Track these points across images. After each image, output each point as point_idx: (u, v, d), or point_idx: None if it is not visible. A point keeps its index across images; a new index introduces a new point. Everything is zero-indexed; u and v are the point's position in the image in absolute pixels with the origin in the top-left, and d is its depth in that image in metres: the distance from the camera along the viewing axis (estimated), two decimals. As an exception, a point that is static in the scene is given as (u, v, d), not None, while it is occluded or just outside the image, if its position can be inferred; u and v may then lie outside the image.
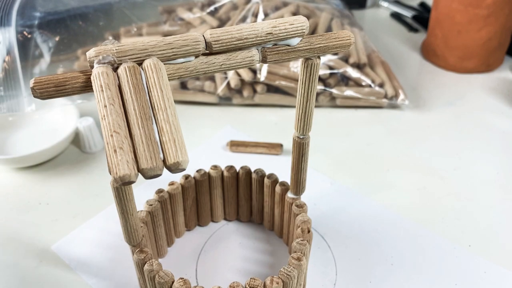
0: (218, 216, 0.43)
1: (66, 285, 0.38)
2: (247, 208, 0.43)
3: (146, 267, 0.32)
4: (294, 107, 0.60)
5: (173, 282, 0.31)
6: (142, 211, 0.37)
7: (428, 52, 0.71)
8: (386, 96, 0.59)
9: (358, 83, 0.59)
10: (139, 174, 0.22)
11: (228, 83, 0.58)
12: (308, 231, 0.34)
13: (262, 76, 0.57)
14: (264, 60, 0.28)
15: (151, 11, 0.67)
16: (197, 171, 0.40)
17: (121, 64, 0.25)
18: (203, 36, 0.26)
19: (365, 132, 0.56)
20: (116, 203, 0.30)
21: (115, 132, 0.22)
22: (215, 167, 0.40)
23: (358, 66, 0.60)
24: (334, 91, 0.58)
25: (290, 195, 0.38)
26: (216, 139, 0.54)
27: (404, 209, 0.45)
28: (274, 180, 0.39)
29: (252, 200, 0.42)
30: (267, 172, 0.40)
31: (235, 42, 0.27)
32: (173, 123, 0.23)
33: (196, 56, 0.27)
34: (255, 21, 0.60)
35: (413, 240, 0.42)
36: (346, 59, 0.60)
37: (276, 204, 0.40)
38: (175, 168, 0.22)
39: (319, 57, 0.30)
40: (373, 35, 0.79)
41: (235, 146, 0.52)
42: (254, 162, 0.51)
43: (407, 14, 0.85)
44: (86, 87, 0.25)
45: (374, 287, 0.38)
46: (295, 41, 0.28)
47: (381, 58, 0.64)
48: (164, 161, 0.22)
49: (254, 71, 0.58)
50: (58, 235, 0.42)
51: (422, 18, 0.82)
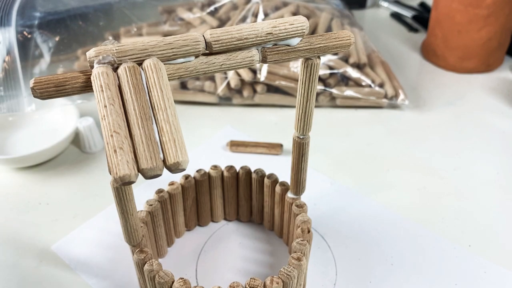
0: (218, 216, 0.43)
1: (66, 285, 0.38)
2: (247, 208, 0.43)
3: (146, 267, 0.32)
4: (294, 107, 0.60)
5: (173, 282, 0.31)
6: (142, 211, 0.37)
7: (428, 52, 0.71)
8: (386, 96, 0.59)
9: (358, 83, 0.59)
10: (139, 174, 0.22)
11: (228, 83, 0.58)
12: (308, 231, 0.34)
13: (262, 76, 0.57)
14: (264, 60, 0.28)
15: (151, 11, 0.67)
16: (197, 171, 0.40)
17: (121, 64, 0.25)
18: (203, 36, 0.26)
19: (365, 132, 0.56)
20: (116, 203, 0.30)
21: (115, 132, 0.22)
22: (215, 167, 0.40)
23: (358, 66, 0.60)
24: (334, 91, 0.58)
25: (290, 195, 0.38)
26: (216, 139, 0.54)
27: (404, 209, 0.45)
28: (274, 180, 0.39)
29: (252, 200, 0.42)
30: (267, 172, 0.40)
31: (235, 42, 0.27)
32: (173, 123, 0.23)
33: (196, 56, 0.27)
34: (255, 21, 0.60)
35: (413, 240, 0.42)
36: (346, 59, 0.60)
37: (276, 204, 0.40)
38: (175, 168, 0.22)
39: (319, 57, 0.30)
40: (373, 35, 0.79)
41: (235, 146, 0.52)
42: (254, 162, 0.51)
43: (407, 14, 0.85)
44: (86, 87, 0.25)
45: (374, 287, 0.38)
46: (295, 41, 0.28)
47: (381, 58, 0.64)
48: (164, 161, 0.22)
49: (254, 71, 0.58)
50: (58, 235, 0.42)
51: (422, 18, 0.82)
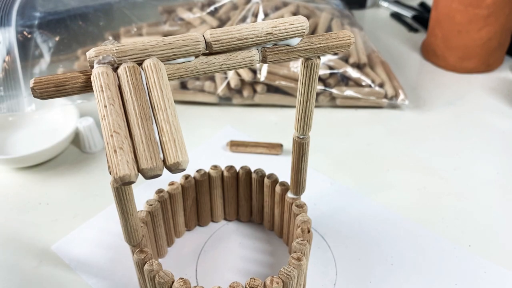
0: (218, 216, 0.43)
1: (66, 285, 0.38)
2: (247, 208, 0.43)
3: (146, 267, 0.32)
4: (294, 107, 0.60)
5: (173, 282, 0.31)
6: (142, 211, 0.37)
7: (428, 52, 0.71)
8: (386, 96, 0.59)
9: (358, 83, 0.59)
10: (139, 174, 0.22)
11: (228, 83, 0.58)
12: (308, 231, 0.34)
13: (262, 76, 0.57)
14: (264, 60, 0.28)
15: (151, 11, 0.67)
16: (197, 171, 0.40)
17: (121, 64, 0.25)
18: (203, 36, 0.26)
19: (365, 132, 0.56)
20: (116, 203, 0.30)
21: (115, 132, 0.22)
22: (215, 167, 0.40)
23: (358, 66, 0.60)
24: (334, 91, 0.58)
25: (290, 195, 0.38)
26: (216, 139, 0.54)
27: (404, 209, 0.45)
28: (274, 180, 0.39)
29: (252, 200, 0.42)
30: (267, 172, 0.40)
31: (235, 42, 0.27)
32: (173, 123, 0.23)
33: (196, 56, 0.27)
34: (255, 21, 0.60)
35: (413, 240, 0.42)
36: (346, 59, 0.60)
37: (276, 204, 0.40)
38: (175, 168, 0.22)
39: (319, 57, 0.30)
40: (373, 35, 0.79)
41: (235, 146, 0.52)
42: (254, 162, 0.51)
43: (407, 14, 0.85)
44: (86, 87, 0.25)
45: (374, 287, 0.38)
46: (295, 41, 0.28)
47: (381, 58, 0.64)
48: (164, 161, 0.22)
49: (254, 71, 0.58)
50: (58, 235, 0.42)
51: (422, 18, 0.82)
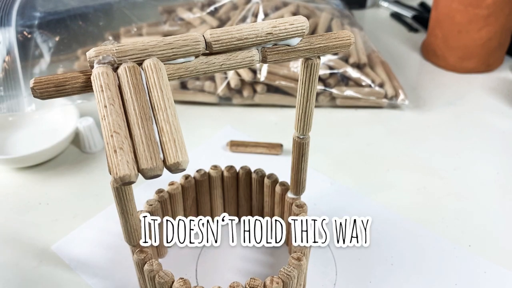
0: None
1: (66, 285, 0.38)
2: (247, 208, 0.43)
3: (146, 267, 0.32)
4: (294, 107, 0.60)
5: (173, 282, 0.31)
6: (142, 211, 0.37)
7: (428, 52, 0.71)
8: (386, 96, 0.59)
9: (358, 83, 0.59)
10: (139, 174, 0.22)
11: (228, 83, 0.58)
12: (308, 231, 0.34)
13: (262, 76, 0.57)
14: (264, 60, 0.28)
15: (151, 11, 0.67)
16: (197, 171, 0.40)
17: (121, 64, 0.25)
18: (203, 36, 0.26)
19: (365, 132, 0.56)
20: (116, 203, 0.30)
21: (115, 132, 0.22)
22: (215, 167, 0.40)
23: (358, 66, 0.60)
24: (334, 91, 0.58)
25: (290, 195, 0.38)
26: (216, 139, 0.54)
27: (404, 209, 0.45)
28: (274, 180, 0.39)
29: (252, 200, 0.42)
30: (267, 172, 0.40)
31: (235, 42, 0.27)
32: (173, 123, 0.23)
33: (196, 56, 0.27)
34: (255, 21, 0.60)
35: (413, 240, 0.42)
36: (346, 59, 0.60)
37: (276, 204, 0.40)
38: (175, 168, 0.22)
39: (319, 57, 0.30)
40: (373, 35, 0.79)
41: (235, 146, 0.52)
42: (254, 162, 0.50)
43: (407, 14, 0.85)
44: (86, 87, 0.25)
45: (374, 287, 0.38)
46: (295, 41, 0.28)
47: (381, 58, 0.64)
48: (164, 161, 0.22)
49: (254, 71, 0.58)
50: (58, 235, 0.42)
51: (422, 18, 0.82)
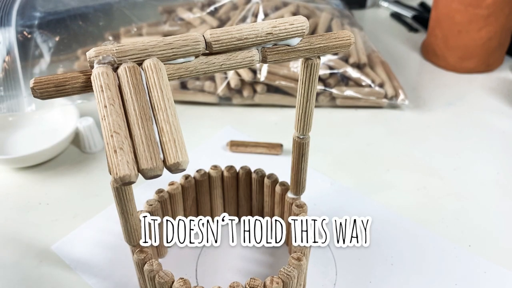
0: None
1: (66, 285, 0.38)
2: (247, 208, 0.43)
3: (146, 267, 0.32)
4: (294, 107, 0.60)
5: (173, 282, 0.31)
6: (142, 211, 0.37)
7: (428, 52, 0.71)
8: (386, 96, 0.59)
9: (358, 83, 0.59)
10: (139, 174, 0.22)
11: (228, 83, 0.58)
12: (308, 231, 0.34)
13: (262, 76, 0.57)
14: (264, 60, 0.28)
15: (151, 11, 0.67)
16: (197, 171, 0.40)
17: (121, 64, 0.25)
18: (203, 36, 0.26)
19: (365, 132, 0.56)
20: (116, 203, 0.30)
21: (115, 132, 0.22)
22: (215, 167, 0.40)
23: (358, 66, 0.60)
24: (334, 91, 0.58)
25: (290, 195, 0.38)
26: (216, 139, 0.54)
27: (404, 209, 0.45)
28: (274, 180, 0.39)
29: (252, 200, 0.42)
30: (267, 172, 0.40)
31: (235, 42, 0.27)
32: (173, 124, 0.23)
33: (196, 56, 0.27)
34: (255, 21, 0.60)
35: (413, 240, 0.42)
36: (346, 59, 0.60)
37: (276, 204, 0.40)
38: (175, 168, 0.22)
39: (319, 57, 0.30)
40: (373, 35, 0.79)
41: (235, 146, 0.52)
42: (254, 162, 0.50)
43: (407, 14, 0.85)
44: (86, 87, 0.25)
45: (374, 287, 0.38)
46: (295, 41, 0.28)
47: (381, 58, 0.64)
48: (164, 161, 0.22)
49: (254, 71, 0.58)
50: (58, 235, 0.42)
51: (422, 18, 0.82)
